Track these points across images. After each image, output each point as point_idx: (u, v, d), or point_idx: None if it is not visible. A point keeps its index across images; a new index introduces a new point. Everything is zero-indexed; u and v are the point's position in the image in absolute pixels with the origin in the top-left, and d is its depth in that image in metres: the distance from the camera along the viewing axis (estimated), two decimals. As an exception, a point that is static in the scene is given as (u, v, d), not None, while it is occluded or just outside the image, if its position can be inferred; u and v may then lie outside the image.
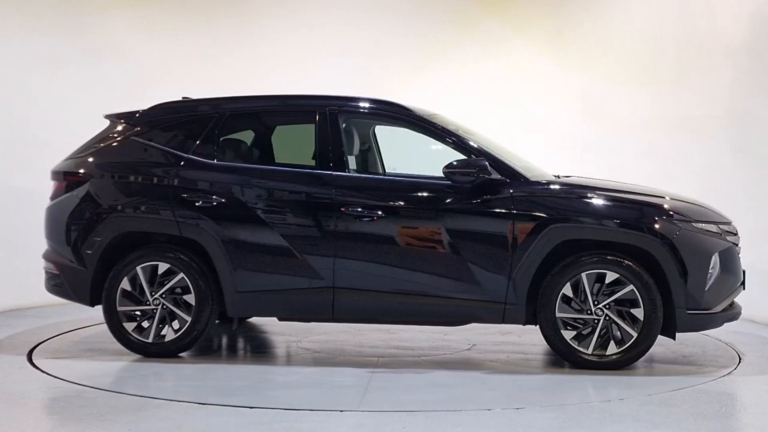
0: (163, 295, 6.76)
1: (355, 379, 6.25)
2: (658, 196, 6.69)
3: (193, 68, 10.37)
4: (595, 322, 6.39)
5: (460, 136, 6.80)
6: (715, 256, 6.43)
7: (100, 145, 7.09)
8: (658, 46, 9.66)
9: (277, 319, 7.05)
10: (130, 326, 6.80)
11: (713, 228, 6.53)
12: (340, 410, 5.42)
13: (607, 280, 6.38)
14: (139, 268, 6.77)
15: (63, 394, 5.89)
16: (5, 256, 9.19)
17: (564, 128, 10.51)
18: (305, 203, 6.65)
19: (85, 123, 9.56)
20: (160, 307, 6.75)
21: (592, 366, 6.39)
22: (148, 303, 6.77)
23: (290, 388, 6.07)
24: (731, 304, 6.67)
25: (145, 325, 6.81)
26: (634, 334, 6.35)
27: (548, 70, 10.73)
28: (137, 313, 6.81)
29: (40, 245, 9.34)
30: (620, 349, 6.38)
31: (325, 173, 6.68)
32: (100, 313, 7.04)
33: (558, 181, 6.77)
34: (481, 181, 6.47)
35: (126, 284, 6.79)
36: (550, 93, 10.69)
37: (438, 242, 6.53)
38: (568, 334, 6.43)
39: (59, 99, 9.62)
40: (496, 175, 6.51)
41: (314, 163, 6.79)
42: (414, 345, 7.42)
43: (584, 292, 6.38)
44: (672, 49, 9.54)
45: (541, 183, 6.60)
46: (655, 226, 6.37)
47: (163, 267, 6.76)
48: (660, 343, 6.97)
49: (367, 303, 6.62)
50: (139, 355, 6.85)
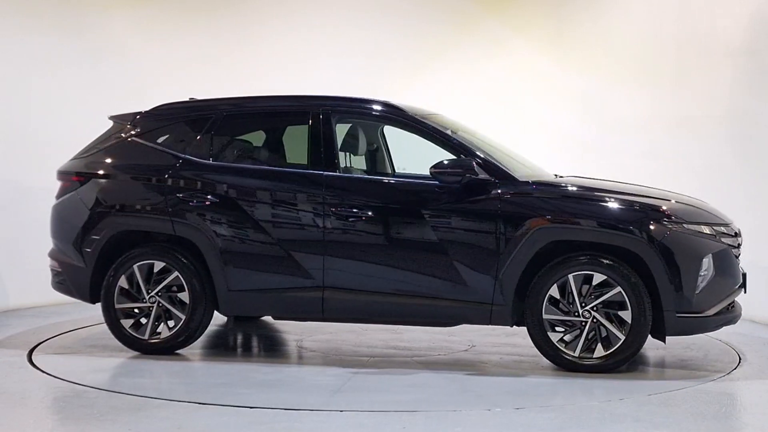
0: (159, 293, 6.85)
1: (334, 379, 6.26)
2: (652, 197, 6.60)
3: (193, 68, 10.37)
4: (583, 324, 6.29)
5: (449, 135, 6.76)
6: (708, 259, 6.30)
7: (103, 146, 7.23)
8: (658, 46, 9.66)
9: (273, 318, 7.09)
10: (128, 323, 6.91)
11: (706, 229, 6.41)
12: (340, 410, 5.42)
13: (595, 282, 6.28)
14: (135, 267, 6.88)
15: (63, 394, 5.89)
16: (5, 257, 9.18)
17: (564, 128, 10.51)
18: (296, 203, 6.70)
19: (85, 123, 9.57)
20: (156, 305, 6.85)
21: (579, 369, 6.29)
22: (145, 301, 6.87)
23: (265, 386, 6.12)
24: (729, 307, 6.53)
25: (143, 322, 6.92)
26: (622, 337, 6.24)
27: (548, 70, 10.73)
28: (135, 310, 6.92)
29: (39, 245, 9.35)
30: (607, 352, 6.27)
31: (315, 173, 6.72)
32: (99, 313, 7.07)
33: (546, 181, 6.70)
34: (469, 182, 6.43)
35: (123, 282, 6.90)
36: (550, 93, 10.68)
37: (425, 242, 6.50)
38: (555, 336, 6.35)
39: (59, 99, 9.62)
40: (483, 175, 6.46)
41: (307, 163, 6.82)
42: (413, 345, 7.42)
43: (571, 293, 6.30)
44: (672, 49, 9.53)
45: (529, 183, 6.53)
46: (642, 227, 6.26)
47: (159, 265, 6.86)
48: (660, 344, 6.98)
49: (356, 303, 6.62)
50: (137, 353, 6.93)
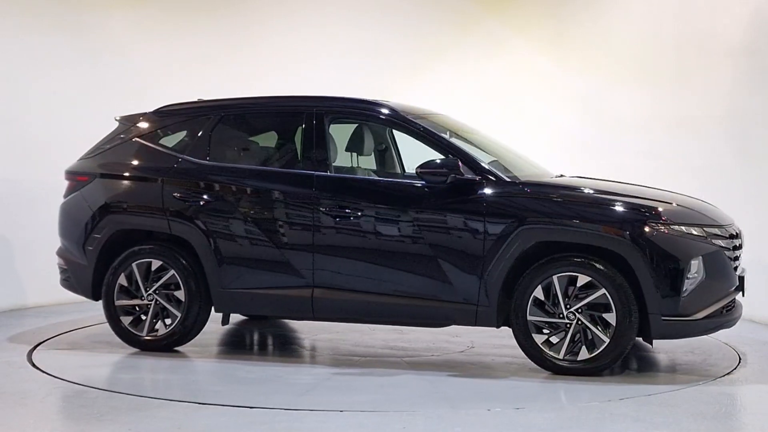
0: (156, 291, 6.98)
1: (311, 378, 6.30)
2: (644, 198, 6.48)
3: (194, 68, 10.36)
4: (567, 326, 6.20)
5: (438, 135, 6.73)
6: (697, 261, 6.16)
7: (108, 146, 7.40)
8: (658, 46, 9.66)
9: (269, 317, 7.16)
10: (127, 320, 7.05)
11: (696, 231, 6.25)
12: (340, 410, 5.43)
13: (579, 284, 6.18)
14: (134, 265, 7.02)
15: (63, 394, 5.89)
16: (5, 257, 9.18)
17: (564, 128, 10.51)
18: (287, 203, 6.75)
19: (85, 123, 9.60)
20: (154, 303, 6.98)
21: (564, 371, 6.21)
22: (143, 298, 7.00)
23: (243, 383, 6.17)
24: (724, 310, 6.36)
25: (143, 319, 7.05)
26: (606, 340, 6.12)
27: (548, 70, 10.73)
28: (135, 308, 7.05)
29: (39, 245, 9.37)
30: (592, 355, 6.16)
31: (306, 173, 6.75)
32: (99, 313, 7.11)
33: (533, 181, 6.62)
34: (455, 182, 6.40)
35: (123, 280, 7.05)
36: (550, 93, 10.68)
37: (412, 243, 6.49)
38: (540, 338, 6.28)
39: (59, 99, 9.61)
40: (469, 175, 6.43)
41: (299, 163, 6.88)
42: (411, 346, 7.41)
43: (556, 295, 6.21)
44: (672, 49, 9.53)
45: (516, 183, 6.48)
46: (627, 228, 6.15)
47: (157, 264, 6.99)
48: (660, 344, 6.98)
49: (345, 303, 6.63)
50: (137, 353, 6.99)
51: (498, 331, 6.85)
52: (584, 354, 6.18)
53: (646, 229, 6.14)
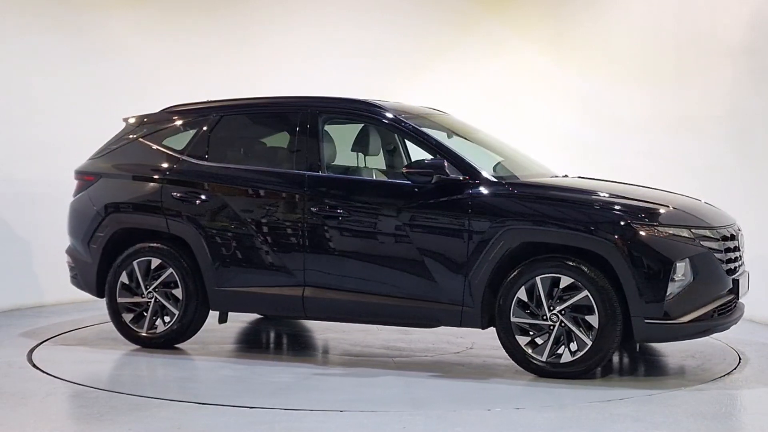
0: (156, 289, 7.09)
1: (291, 377, 6.31)
2: (634, 198, 6.36)
3: (194, 68, 10.37)
4: (551, 328, 6.11)
5: (426, 135, 6.70)
6: (683, 263, 6.01)
7: (114, 146, 7.55)
8: (658, 46, 9.66)
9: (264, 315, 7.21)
10: (128, 317, 7.16)
11: (684, 233, 6.11)
12: (340, 410, 5.43)
13: (562, 285, 6.08)
14: (135, 263, 7.14)
15: (63, 394, 5.90)
16: (5, 257, 9.18)
17: (564, 128, 10.50)
18: (280, 203, 6.80)
19: (86, 123, 9.62)
20: (153, 301, 7.09)
21: (547, 374, 6.12)
22: (143, 296, 7.12)
23: (221, 381, 6.21)
24: (716, 313, 6.18)
25: (145, 315, 7.15)
26: (589, 342, 6.02)
27: (548, 70, 10.73)
28: (135, 305, 7.16)
29: (39, 245, 9.38)
30: (574, 358, 6.07)
31: (298, 173, 6.79)
32: (99, 313, 7.12)
33: (520, 181, 6.55)
34: (442, 182, 6.36)
35: (125, 278, 7.17)
36: (550, 93, 10.68)
37: (399, 243, 6.48)
38: (523, 340, 6.19)
39: (60, 99, 9.61)
40: (456, 175, 6.38)
41: (292, 163, 6.89)
42: (409, 346, 7.39)
43: (539, 296, 6.12)
44: (672, 49, 9.53)
45: (502, 184, 6.41)
46: (609, 230, 6.03)
47: (156, 262, 7.10)
48: (660, 345, 6.98)
49: (335, 302, 6.64)
50: (137, 353, 7.02)
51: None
52: (566, 356, 6.10)
53: (628, 231, 6.02)
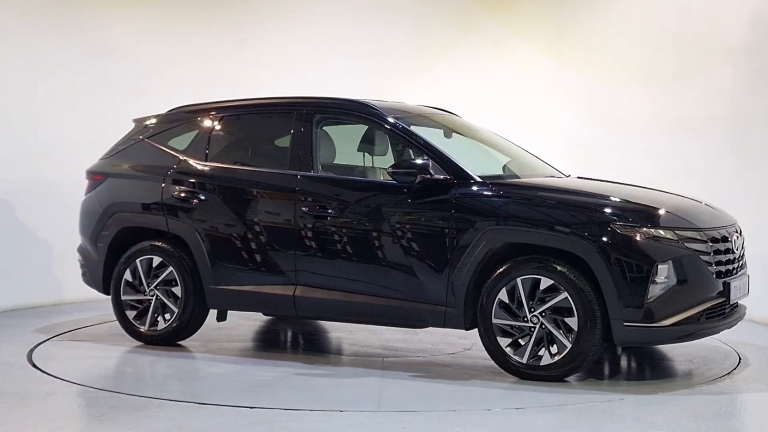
0: (157, 287, 7.20)
1: (272, 375, 6.35)
2: (622, 200, 6.22)
3: (194, 68, 10.35)
4: (531, 330, 6.03)
5: (414, 135, 6.67)
6: (665, 265, 5.86)
7: (122, 147, 7.72)
8: (658, 46, 9.66)
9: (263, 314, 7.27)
10: (132, 314, 7.31)
11: (667, 234, 5.95)
12: (340, 410, 5.43)
13: (542, 287, 6.00)
14: (138, 261, 7.29)
15: (63, 394, 5.89)
16: (5, 257, 9.18)
17: (564, 128, 10.50)
18: (273, 202, 6.87)
19: (86, 124, 9.61)
20: (155, 298, 7.21)
21: (528, 376, 6.04)
22: (146, 294, 7.26)
23: (221, 381, 6.23)
24: (704, 317, 6.03)
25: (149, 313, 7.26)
26: (569, 345, 5.93)
27: (548, 70, 10.73)
28: (138, 303, 7.29)
29: (39, 245, 9.38)
30: (554, 360, 5.99)
31: (290, 173, 6.84)
32: (99, 313, 7.12)
33: (505, 182, 6.51)
34: (428, 182, 6.34)
35: (128, 275, 7.31)
36: (550, 93, 10.68)
37: (385, 243, 6.47)
38: (504, 341, 6.12)
39: (60, 99, 9.61)
40: (441, 175, 6.35)
41: (287, 163, 6.92)
42: (408, 347, 7.36)
43: (520, 298, 6.05)
44: (672, 49, 9.53)
45: (485, 183, 6.35)
46: (587, 231, 5.94)
47: (157, 261, 7.23)
48: (660, 345, 6.96)
49: (324, 302, 6.66)
50: (137, 353, 7.06)
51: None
52: (546, 359, 6.02)
53: (607, 232, 5.91)
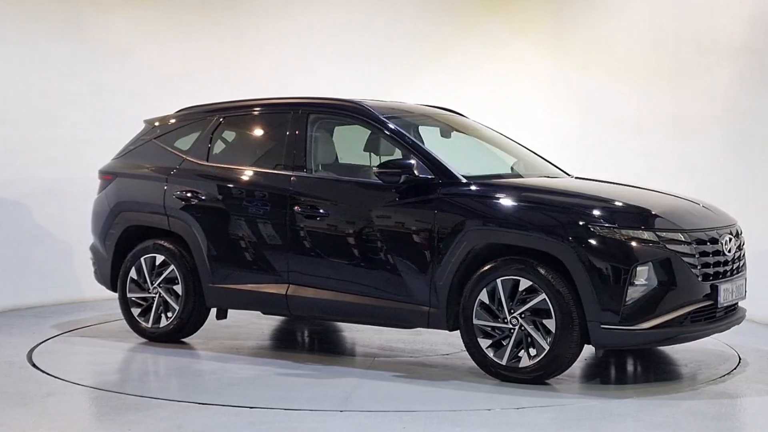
0: (160, 285, 7.35)
1: (254, 372, 6.39)
2: (603, 201, 6.10)
3: (194, 68, 10.35)
4: (511, 331, 5.97)
5: (402, 134, 6.68)
6: (645, 267, 5.76)
7: (132, 147, 7.87)
8: (658, 46, 9.66)
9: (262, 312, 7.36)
10: (136, 311, 7.44)
11: (647, 236, 5.83)
12: (340, 410, 5.43)
13: (521, 288, 5.94)
14: (142, 259, 7.42)
15: (63, 394, 5.89)
16: (5, 257, 9.18)
17: (564, 128, 10.50)
18: (267, 203, 6.92)
19: (86, 124, 9.61)
20: (158, 296, 7.34)
21: (508, 378, 5.99)
22: (150, 291, 7.39)
23: (221, 381, 6.23)
24: (688, 320, 5.93)
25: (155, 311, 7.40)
26: (547, 347, 5.86)
27: (548, 71, 10.73)
28: (145, 299, 7.42)
29: (39, 245, 9.38)
30: (532, 362, 5.91)
31: (284, 174, 6.90)
32: (99, 313, 7.14)
33: (489, 182, 6.45)
34: (412, 182, 6.33)
35: (134, 273, 7.47)
36: (550, 93, 10.68)
37: (371, 243, 6.48)
38: (485, 342, 6.07)
39: (60, 99, 9.61)
40: (426, 175, 6.34)
41: (282, 164, 6.99)
42: (407, 347, 7.35)
43: (500, 299, 6.00)
44: (672, 49, 9.53)
45: (469, 184, 6.30)
46: (565, 232, 5.85)
47: (160, 259, 7.34)
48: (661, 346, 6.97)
49: (314, 301, 6.70)
50: (136, 352, 7.10)
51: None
52: (525, 361, 5.96)
53: (585, 233, 5.83)
